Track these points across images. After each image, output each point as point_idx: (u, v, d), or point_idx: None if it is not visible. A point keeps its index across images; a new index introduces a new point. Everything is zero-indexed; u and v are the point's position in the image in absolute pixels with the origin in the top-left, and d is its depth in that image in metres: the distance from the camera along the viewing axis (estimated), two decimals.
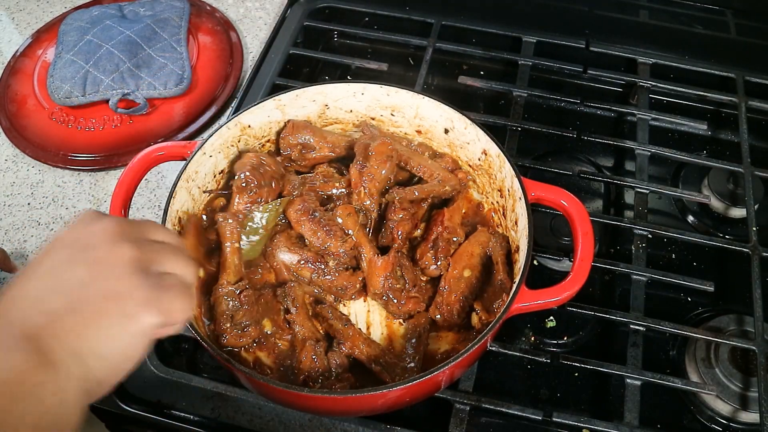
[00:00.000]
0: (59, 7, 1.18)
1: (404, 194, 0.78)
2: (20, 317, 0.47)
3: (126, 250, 0.50)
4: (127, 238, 0.51)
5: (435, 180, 0.80)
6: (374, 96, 0.84)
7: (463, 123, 0.80)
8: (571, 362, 0.75)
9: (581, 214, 0.70)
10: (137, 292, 0.49)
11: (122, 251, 0.50)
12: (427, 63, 1.02)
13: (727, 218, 0.93)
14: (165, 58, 1.03)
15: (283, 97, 0.82)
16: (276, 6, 1.17)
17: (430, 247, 0.76)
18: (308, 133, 0.82)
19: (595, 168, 0.97)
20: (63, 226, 0.90)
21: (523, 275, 0.67)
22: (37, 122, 0.99)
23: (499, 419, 0.75)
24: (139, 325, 0.49)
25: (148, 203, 0.93)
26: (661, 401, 0.78)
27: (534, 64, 1.03)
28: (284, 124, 0.83)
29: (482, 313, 0.72)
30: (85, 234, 0.51)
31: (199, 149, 0.77)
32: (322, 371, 0.69)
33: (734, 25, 1.09)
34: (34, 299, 0.48)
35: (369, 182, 0.77)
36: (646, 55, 1.04)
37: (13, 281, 0.49)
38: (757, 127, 1.01)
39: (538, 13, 1.12)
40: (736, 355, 0.77)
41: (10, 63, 1.08)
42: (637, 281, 0.81)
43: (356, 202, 0.78)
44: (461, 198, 0.82)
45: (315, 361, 0.69)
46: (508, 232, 0.78)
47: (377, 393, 0.61)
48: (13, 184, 0.95)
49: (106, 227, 0.51)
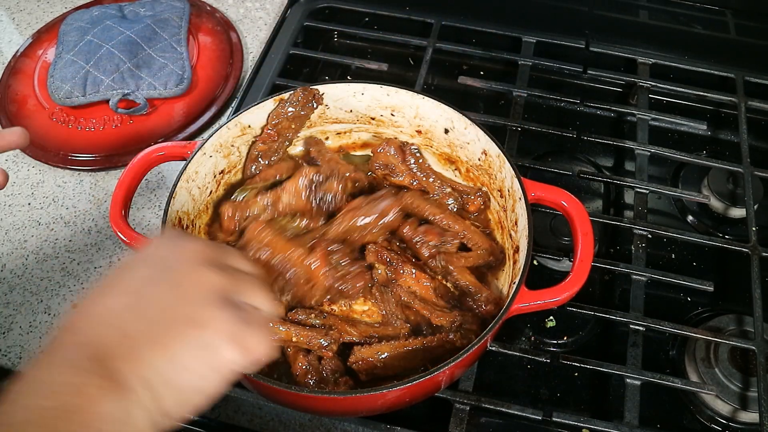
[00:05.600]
0: (59, 8, 1.18)
1: (454, 261, 0.76)
2: (92, 336, 0.44)
3: (213, 276, 0.47)
4: (214, 263, 0.48)
5: (479, 251, 0.78)
6: (374, 96, 0.84)
7: (463, 123, 0.80)
8: (571, 362, 0.75)
9: (581, 215, 0.70)
10: (220, 324, 0.45)
11: (208, 277, 0.47)
12: (427, 63, 1.02)
13: (726, 218, 0.93)
14: (165, 58, 1.03)
15: (284, 97, 0.82)
16: (276, 6, 1.18)
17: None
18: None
19: (595, 168, 0.98)
20: (63, 226, 0.90)
21: (523, 275, 0.67)
22: (37, 122, 1.00)
23: (499, 419, 0.75)
24: (217, 359, 0.45)
25: (148, 203, 0.93)
26: (661, 401, 0.78)
27: (534, 64, 1.03)
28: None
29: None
30: (170, 253, 0.48)
31: (200, 149, 0.77)
32: (318, 379, 0.69)
33: (734, 25, 1.09)
34: (109, 318, 0.45)
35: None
36: (645, 55, 1.04)
37: (88, 296, 0.47)
38: (756, 127, 1.01)
39: (537, 14, 1.12)
40: (736, 355, 0.77)
41: (11, 63, 1.08)
42: (636, 281, 0.81)
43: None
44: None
45: (309, 369, 0.69)
46: (508, 232, 0.78)
47: (377, 393, 0.61)
48: (13, 184, 0.95)
49: (192, 249, 0.48)
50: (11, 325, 0.82)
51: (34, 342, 0.80)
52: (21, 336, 0.81)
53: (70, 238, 0.89)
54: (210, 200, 0.81)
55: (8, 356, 0.79)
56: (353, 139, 0.89)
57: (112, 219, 0.71)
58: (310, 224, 0.77)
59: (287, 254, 0.70)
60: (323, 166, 0.80)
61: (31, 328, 0.81)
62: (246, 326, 0.46)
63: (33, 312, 0.83)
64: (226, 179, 0.83)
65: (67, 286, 0.85)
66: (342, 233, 0.75)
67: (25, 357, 0.79)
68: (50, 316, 0.82)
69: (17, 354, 0.79)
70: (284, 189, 0.78)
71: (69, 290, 0.85)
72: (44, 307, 0.83)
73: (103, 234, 0.90)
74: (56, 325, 0.81)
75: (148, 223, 0.91)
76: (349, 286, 0.72)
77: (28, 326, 0.81)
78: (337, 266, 0.72)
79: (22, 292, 0.84)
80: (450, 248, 0.76)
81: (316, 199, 0.77)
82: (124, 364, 0.43)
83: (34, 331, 0.81)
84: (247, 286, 0.49)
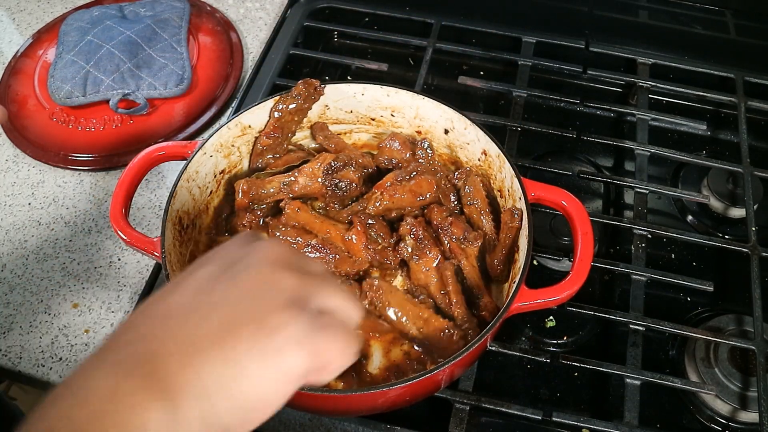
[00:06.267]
0: (60, 8, 1.18)
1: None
2: (148, 335, 0.40)
3: (287, 278, 0.43)
4: (289, 265, 0.44)
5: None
6: (374, 96, 0.84)
7: (463, 123, 0.80)
8: (571, 362, 0.75)
9: (581, 214, 0.70)
10: (291, 327, 0.41)
11: (282, 278, 0.43)
12: (427, 63, 1.02)
13: (726, 218, 0.93)
14: (165, 58, 1.03)
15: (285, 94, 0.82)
16: (276, 6, 1.18)
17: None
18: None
19: (595, 168, 0.98)
20: (63, 226, 0.90)
21: (523, 275, 0.67)
22: (37, 122, 1.00)
23: (498, 419, 0.75)
24: (283, 364, 0.40)
25: (149, 203, 0.93)
26: (661, 401, 0.78)
27: (534, 65, 1.03)
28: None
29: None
30: (243, 253, 0.45)
31: (200, 149, 0.77)
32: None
33: (734, 26, 1.09)
34: (169, 317, 0.41)
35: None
36: (645, 56, 1.04)
37: (156, 293, 0.43)
38: (756, 127, 1.01)
39: (537, 14, 1.12)
40: (736, 354, 0.77)
41: (11, 63, 1.08)
42: (636, 281, 0.81)
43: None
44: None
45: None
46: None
47: (377, 392, 0.61)
48: (13, 184, 0.95)
49: (268, 249, 0.45)
50: (11, 325, 0.82)
51: (34, 342, 0.80)
52: (21, 336, 0.81)
53: (70, 238, 0.89)
54: (210, 200, 0.82)
55: (8, 356, 0.79)
56: (353, 139, 0.89)
57: (113, 219, 0.71)
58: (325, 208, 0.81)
59: (326, 231, 0.75)
60: (341, 154, 0.81)
61: (31, 328, 0.81)
62: (320, 330, 0.42)
63: (33, 312, 0.83)
64: (226, 179, 0.83)
65: (68, 286, 0.85)
66: (382, 211, 0.78)
67: (25, 357, 0.79)
68: (50, 316, 0.82)
69: (17, 354, 0.79)
70: (302, 171, 0.79)
71: (69, 290, 0.85)
72: (44, 307, 0.83)
73: (103, 234, 0.90)
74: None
75: (149, 222, 0.91)
76: (390, 258, 0.75)
77: (28, 326, 0.82)
78: (377, 239, 0.75)
79: (22, 292, 0.84)
80: (470, 247, 0.75)
81: (331, 185, 0.78)
82: (179, 369, 0.38)
83: (34, 331, 0.81)
84: (325, 290, 0.45)
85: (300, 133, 0.86)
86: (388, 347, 0.72)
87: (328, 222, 0.77)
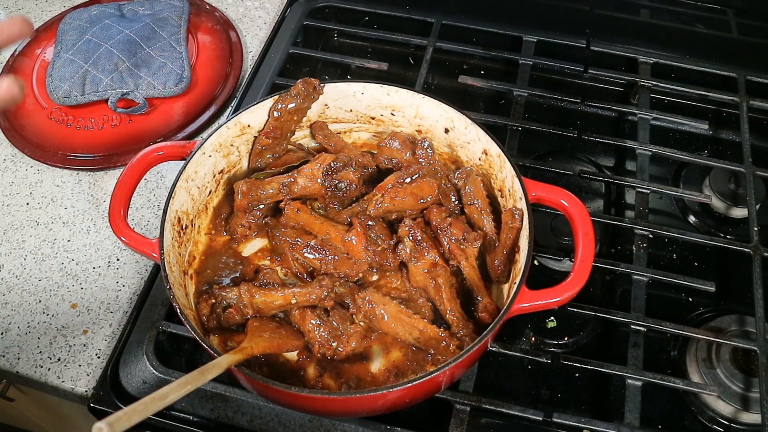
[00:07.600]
0: (58, 6, 1.17)
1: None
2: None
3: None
4: None
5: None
6: (374, 95, 0.84)
7: (464, 123, 0.80)
8: (572, 363, 0.75)
9: (582, 214, 0.70)
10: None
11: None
12: (427, 62, 1.02)
13: (728, 218, 0.92)
14: (164, 57, 1.03)
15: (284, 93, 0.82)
16: (276, 5, 1.17)
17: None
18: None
19: (596, 168, 0.97)
20: (62, 226, 0.90)
21: (524, 275, 0.67)
22: (35, 122, 0.99)
23: (499, 420, 0.75)
24: None
25: (148, 203, 0.92)
26: (662, 402, 0.78)
27: (534, 64, 1.03)
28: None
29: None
30: None
31: (199, 149, 0.76)
32: (330, 330, 0.69)
33: (735, 25, 1.09)
34: None
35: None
36: (647, 55, 1.04)
37: None
38: (758, 126, 1.00)
39: (538, 13, 1.12)
40: (738, 355, 0.77)
41: (9, 62, 1.08)
42: (638, 281, 0.81)
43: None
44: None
45: (319, 324, 0.69)
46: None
47: (377, 393, 0.61)
48: (12, 183, 0.94)
49: None
50: (9, 325, 0.81)
51: (32, 342, 0.80)
52: (19, 336, 0.80)
53: (68, 238, 0.89)
54: (209, 200, 0.81)
55: (6, 357, 0.79)
56: (353, 138, 0.89)
57: (111, 219, 0.71)
58: (324, 209, 0.80)
59: (326, 232, 0.75)
60: (341, 154, 0.81)
61: (30, 329, 0.81)
62: None
63: (31, 312, 0.82)
64: (225, 179, 0.83)
65: (66, 287, 0.85)
66: (382, 213, 0.77)
67: (24, 358, 0.79)
68: (48, 317, 0.82)
69: (15, 354, 0.79)
70: (301, 172, 0.79)
71: (68, 290, 0.84)
72: (42, 307, 0.83)
73: (102, 234, 0.89)
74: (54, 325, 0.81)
75: (147, 222, 0.90)
76: (390, 260, 0.75)
77: (26, 327, 0.81)
78: (377, 240, 0.75)
79: (20, 292, 0.84)
80: (470, 248, 0.75)
81: (330, 186, 0.78)
82: None
83: (33, 332, 0.81)
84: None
85: (299, 132, 0.86)
86: (388, 348, 0.72)
87: (327, 223, 0.77)
